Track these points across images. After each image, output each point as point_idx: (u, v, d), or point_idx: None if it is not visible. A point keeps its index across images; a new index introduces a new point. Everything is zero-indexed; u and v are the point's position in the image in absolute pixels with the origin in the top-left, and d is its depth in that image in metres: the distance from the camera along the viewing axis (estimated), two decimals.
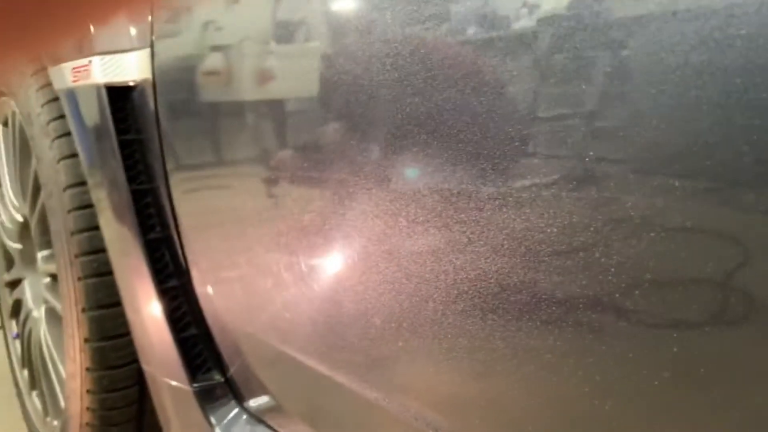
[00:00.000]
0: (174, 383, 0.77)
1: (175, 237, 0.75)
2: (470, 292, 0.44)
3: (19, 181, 1.23)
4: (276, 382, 0.71)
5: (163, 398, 0.82)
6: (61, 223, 0.92)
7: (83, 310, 0.91)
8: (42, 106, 0.96)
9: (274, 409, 0.72)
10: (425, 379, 0.52)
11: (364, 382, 0.57)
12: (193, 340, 0.77)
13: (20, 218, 1.26)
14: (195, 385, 0.75)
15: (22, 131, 1.11)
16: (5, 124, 1.26)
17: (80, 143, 0.82)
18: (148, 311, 0.78)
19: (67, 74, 0.79)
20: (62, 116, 0.90)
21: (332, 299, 0.57)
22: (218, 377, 0.76)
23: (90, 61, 0.74)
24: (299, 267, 0.60)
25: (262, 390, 0.73)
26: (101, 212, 0.81)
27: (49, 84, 0.93)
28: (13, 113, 1.16)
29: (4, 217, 1.34)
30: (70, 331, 0.94)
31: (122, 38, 0.73)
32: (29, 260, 1.29)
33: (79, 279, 0.90)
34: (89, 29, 0.71)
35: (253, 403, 0.74)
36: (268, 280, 0.66)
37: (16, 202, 1.28)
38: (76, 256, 0.90)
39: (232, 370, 0.75)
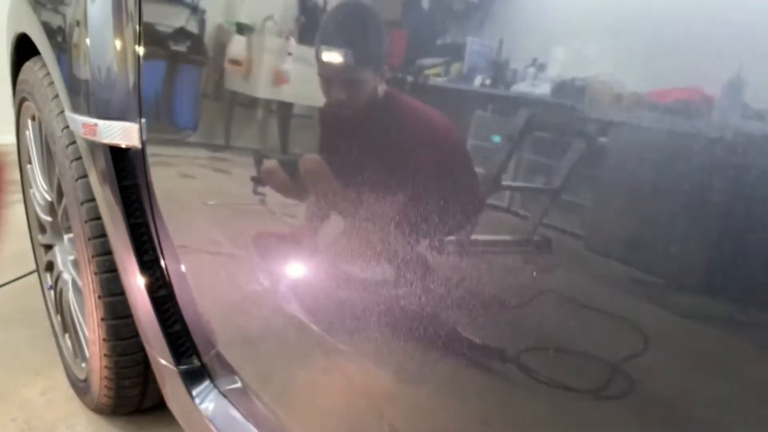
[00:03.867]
0: (165, 363, 1.04)
1: (162, 261, 1.00)
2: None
3: (45, 169, 1.47)
4: (236, 366, 0.98)
5: (157, 370, 1.09)
6: (80, 229, 1.16)
7: (96, 275, 1.17)
8: (62, 130, 1.18)
9: (237, 389, 0.99)
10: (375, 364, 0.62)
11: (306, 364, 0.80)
12: (179, 334, 1.03)
13: (48, 198, 1.51)
14: (180, 367, 1.02)
15: (47, 137, 1.33)
16: (33, 119, 1.48)
17: (93, 184, 1.05)
18: (146, 314, 1.04)
19: (79, 126, 1.01)
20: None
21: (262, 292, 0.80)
22: (196, 362, 1.03)
23: (96, 124, 0.96)
24: (238, 270, 0.84)
25: (224, 373, 0.99)
26: (109, 231, 1.06)
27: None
28: (38, 116, 1.38)
29: (36, 193, 1.59)
30: (89, 309, 1.21)
31: (120, 110, 0.93)
32: (58, 231, 1.55)
33: (96, 274, 1.16)
34: None
35: (221, 383, 1.01)
36: (217, 286, 0.91)
37: (44, 185, 1.52)
38: (93, 256, 1.15)
39: (206, 357, 1.02)
